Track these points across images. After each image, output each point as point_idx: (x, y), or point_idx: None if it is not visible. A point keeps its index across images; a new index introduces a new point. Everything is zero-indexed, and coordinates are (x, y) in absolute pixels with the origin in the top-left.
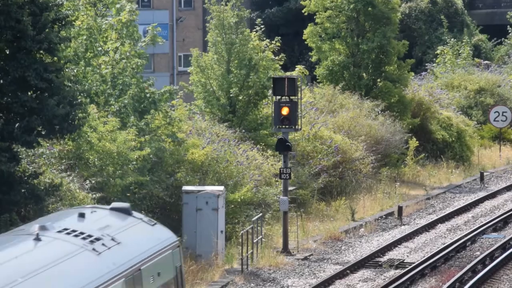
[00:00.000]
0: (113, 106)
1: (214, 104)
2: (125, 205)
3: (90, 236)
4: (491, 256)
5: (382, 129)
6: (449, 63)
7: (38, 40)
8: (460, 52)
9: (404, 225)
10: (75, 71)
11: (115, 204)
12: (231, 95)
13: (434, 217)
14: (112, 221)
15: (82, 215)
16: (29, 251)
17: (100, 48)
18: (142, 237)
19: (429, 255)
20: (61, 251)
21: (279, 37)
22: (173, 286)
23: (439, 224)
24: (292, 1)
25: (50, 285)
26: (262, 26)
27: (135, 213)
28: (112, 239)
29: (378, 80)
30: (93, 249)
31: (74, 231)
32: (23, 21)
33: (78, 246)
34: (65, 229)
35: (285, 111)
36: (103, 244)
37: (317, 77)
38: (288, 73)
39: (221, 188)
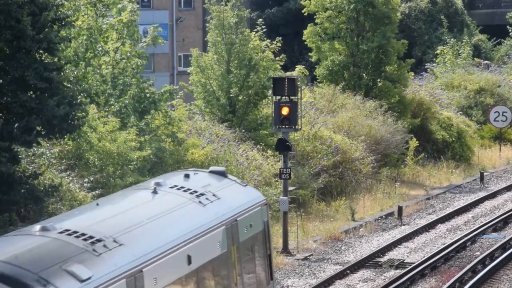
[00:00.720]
0: (113, 106)
1: (214, 104)
2: (222, 169)
3: (195, 191)
4: (491, 256)
5: (382, 129)
6: (449, 63)
7: (37, 40)
8: (460, 52)
9: (404, 225)
10: (75, 72)
11: (213, 168)
12: (231, 95)
13: (434, 217)
14: (212, 181)
15: (187, 176)
16: (149, 201)
17: (100, 48)
18: (237, 195)
19: (429, 255)
20: (174, 202)
21: (280, 37)
22: (261, 236)
23: (439, 224)
24: (292, 1)
25: (169, 227)
26: (263, 26)
27: (229, 176)
28: (213, 195)
29: (378, 80)
30: (199, 202)
31: (182, 187)
32: (22, 20)
33: (187, 199)
34: (175, 186)
35: (285, 111)
36: (206, 199)
37: (317, 77)
38: (288, 73)
39: None
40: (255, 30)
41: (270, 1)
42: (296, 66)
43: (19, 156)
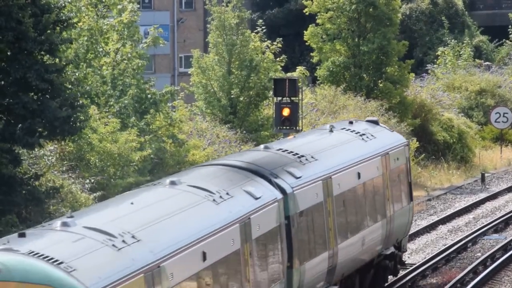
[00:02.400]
0: (113, 107)
1: (215, 105)
2: (375, 118)
3: (359, 132)
4: (492, 257)
5: None
6: (449, 64)
7: (39, 41)
8: (461, 53)
9: None
10: (76, 74)
11: (368, 118)
12: (232, 96)
13: (435, 218)
14: (368, 127)
15: (351, 123)
16: (329, 137)
17: (101, 49)
18: (387, 137)
19: (430, 256)
20: (346, 138)
21: (281, 38)
22: (404, 167)
23: (440, 225)
24: (293, 2)
25: (346, 151)
26: (263, 27)
27: (381, 124)
28: (372, 135)
29: (379, 81)
30: (362, 139)
31: (349, 129)
32: (24, 22)
33: (354, 136)
34: (344, 128)
35: (286, 112)
36: (367, 137)
37: (318, 78)
38: (288, 74)
39: None
40: (256, 31)
41: (271, 2)
42: (297, 67)
43: (21, 158)
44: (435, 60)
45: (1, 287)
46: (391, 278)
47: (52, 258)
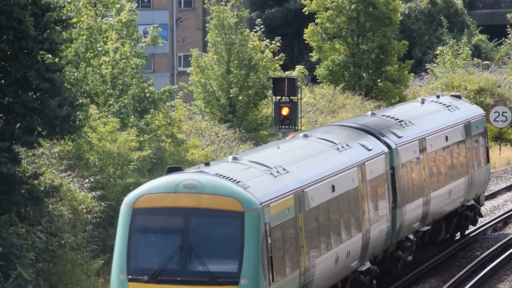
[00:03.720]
0: (113, 106)
1: (214, 104)
2: (458, 94)
3: (445, 104)
4: (491, 256)
5: None
6: (448, 64)
7: (40, 41)
8: (459, 52)
9: None
10: (75, 74)
11: (452, 93)
12: (231, 96)
13: None
14: (453, 100)
15: (438, 97)
16: (421, 107)
17: (100, 48)
18: (468, 108)
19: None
20: (435, 108)
21: (279, 37)
22: (482, 135)
23: None
24: (292, 1)
25: (437, 118)
26: (262, 27)
27: (463, 98)
28: (456, 107)
29: (378, 80)
30: (448, 110)
31: (437, 102)
32: (25, 21)
33: (441, 107)
34: (433, 101)
35: (285, 111)
36: (452, 108)
37: (317, 77)
38: (287, 73)
39: None
40: (254, 30)
41: (270, 1)
42: (296, 66)
43: (20, 157)
44: (434, 59)
45: (197, 197)
46: (392, 277)
47: (232, 178)
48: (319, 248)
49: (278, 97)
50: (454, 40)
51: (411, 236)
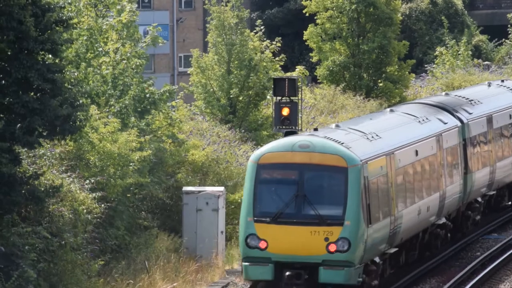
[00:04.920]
0: (113, 107)
1: (215, 104)
2: None
3: (509, 87)
4: (492, 256)
5: None
6: (448, 64)
7: (41, 41)
8: (459, 53)
9: None
10: (75, 74)
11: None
12: (231, 96)
13: None
14: None
15: (502, 81)
16: (485, 89)
17: (100, 49)
18: None
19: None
20: (500, 91)
21: (280, 38)
22: None
23: None
24: (292, 1)
25: (507, 98)
26: (262, 27)
27: None
28: None
29: (379, 80)
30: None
31: (501, 85)
32: (25, 21)
33: (506, 90)
34: (498, 84)
35: (285, 111)
36: None
37: (317, 78)
38: (287, 73)
39: (221, 188)
40: (255, 31)
41: (271, 2)
42: (297, 67)
43: (20, 157)
44: (435, 59)
45: (310, 155)
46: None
47: (337, 140)
48: (405, 201)
49: (279, 98)
50: (454, 40)
51: (479, 199)
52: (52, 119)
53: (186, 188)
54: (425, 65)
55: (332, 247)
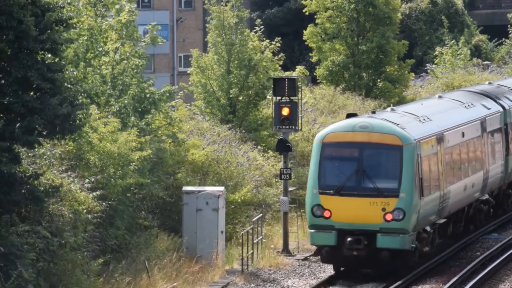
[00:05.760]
0: (113, 107)
1: (214, 104)
2: None
3: None
4: (492, 256)
5: None
6: (448, 64)
7: (41, 41)
8: (458, 52)
9: None
10: (75, 73)
11: None
12: (231, 96)
13: None
14: None
15: None
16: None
17: (100, 49)
18: None
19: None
20: None
21: (279, 38)
22: None
23: None
24: (292, 1)
25: None
26: (261, 27)
27: None
28: None
29: (378, 80)
30: None
31: None
32: (26, 21)
33: None
34: None
35: (285, 111)
36: None
37: (317, 78)
38: (287, 73)
39: (222, 188)
40: (254, 30)
41: (271, 1)
42: (297, 67)
43: (20, 157)
44: (434, 59)
45: (369, 135)
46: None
47: (393, 122)
48: (453, 178)
49: (279, 98)
50: (454, 40)
51: None
52: (52, 118)
53: (186, 188)
54: (425, 65)
55: (389, 216)
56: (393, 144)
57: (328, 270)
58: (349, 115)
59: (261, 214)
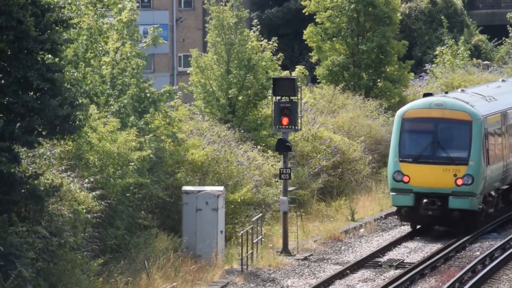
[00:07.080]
0: (112, 107)
1: (214, 104)
2: None
3: None
4: (491, 256)
5: (382, 129)
6: (448, 64)
7: (40, 41)
8: (458, 52)
9: (404, 225)
10: (75, 74)
11: None
12: (230, 96)
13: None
14: None
15: None
16: None
17: (100, 49)
18: None
19: (428, 255)
20: None
21: (277, 37)
22: None
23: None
24: (292, 1)
25: None
26: (258, 27)
27: None
28: None
29: (378, 80)
30: None
31: None
32: (25, 21)
33: None
34: None
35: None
36: None
37: (317, 78)
38: (286, 72)
39: (221, 188)
40: (251, 30)
41: (270, 1)
42: (296, 66)
43: (20, 157)
44: (434, 59)
45: (443, 111)
46: (389, 277)
47: (464, 100)
48: None
49: (278, 97)
50: (453, 40)
51: None
52: (51, 118)
53: (185, 188)
54: (425, 65)
55: (459, 181)
56: (464, 119)
57: (328, 270)
58: (426, 94)
59: (260, 214)
